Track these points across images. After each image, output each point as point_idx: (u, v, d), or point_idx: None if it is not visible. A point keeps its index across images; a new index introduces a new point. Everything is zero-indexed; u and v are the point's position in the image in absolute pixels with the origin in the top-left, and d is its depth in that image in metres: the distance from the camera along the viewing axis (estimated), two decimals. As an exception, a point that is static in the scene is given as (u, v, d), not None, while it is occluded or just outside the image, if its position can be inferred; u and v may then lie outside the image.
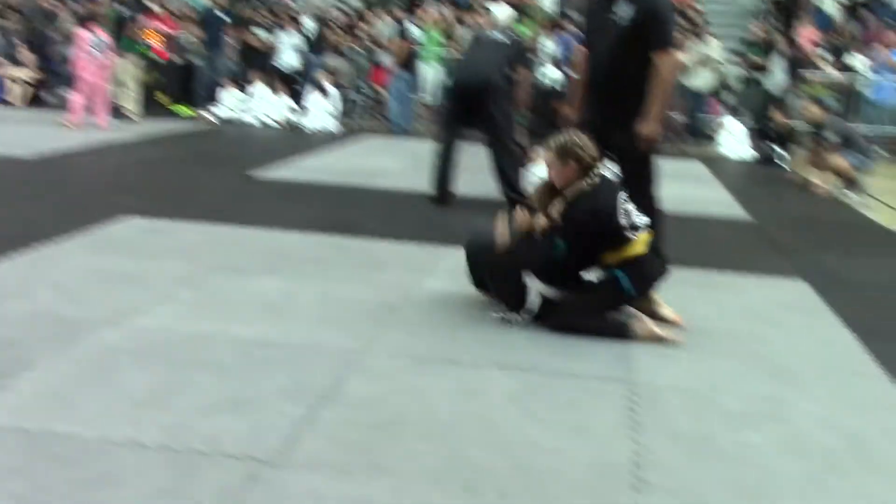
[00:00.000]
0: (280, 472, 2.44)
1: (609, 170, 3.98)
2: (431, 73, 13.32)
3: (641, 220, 3.82)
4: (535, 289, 3.83)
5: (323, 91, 11.61)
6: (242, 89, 12.26)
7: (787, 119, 10.93)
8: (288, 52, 12.85)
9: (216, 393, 2.94)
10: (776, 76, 12.32)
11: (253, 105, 11.99)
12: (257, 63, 12.76)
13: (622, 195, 3.81)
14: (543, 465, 2.56)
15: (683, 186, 8.33)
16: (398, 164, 8.83)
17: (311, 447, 2.59)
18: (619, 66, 4.20)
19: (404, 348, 3.48)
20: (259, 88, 12.01)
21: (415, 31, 13.10)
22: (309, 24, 13.49)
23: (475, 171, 7.17)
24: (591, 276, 3.85)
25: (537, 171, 5.63)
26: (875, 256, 5.79)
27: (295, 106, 12.07)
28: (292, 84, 12.65)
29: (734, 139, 11.42)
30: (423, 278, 4.50)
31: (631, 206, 3.81)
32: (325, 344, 3.47)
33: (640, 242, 3.78)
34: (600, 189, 3.76)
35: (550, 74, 12.59)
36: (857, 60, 12.74)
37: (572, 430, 2.82)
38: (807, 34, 13.31)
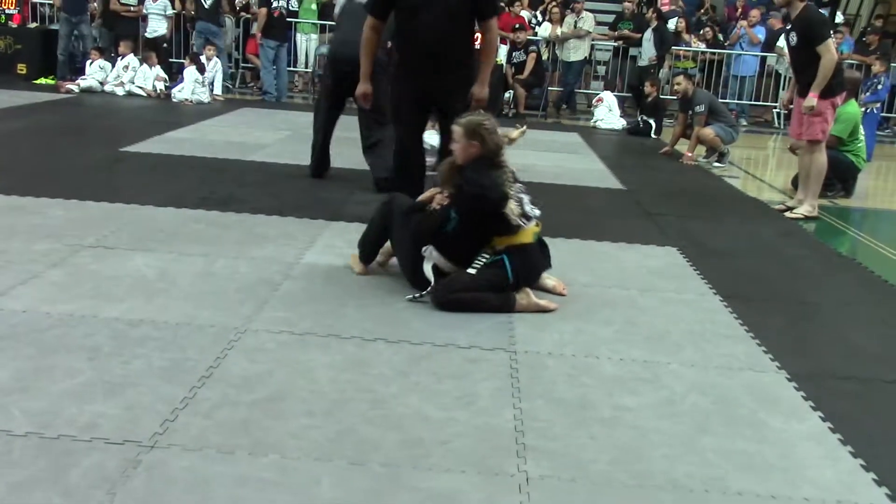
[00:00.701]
0: (160, 454, 2.38)
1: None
2: (306, 44, 13.11)
3: (535, 211, 3.90)
4: (430, 264, 3.84)
5: (197, 61, 11.23)
6: (108, 57, 11.73)
7: (657, 91, 11.29)
8: (156, 19, 12.36)
9: (89, 376, 2.83)
10: (647, 50, 12.70)
11: (120, 75, 11.49)
12: (123, 30, 12.23)
13: (519, 185, 3.89)
14: (430, 437, 2.59)
15: (560, 157, 8.52)
16: (274, 136, 8.66)
17: (192, 428, 2.54)
18: (453, 36, 4.61)
19: (286, 324, 3.44)
20: (127, 58, 11.51)
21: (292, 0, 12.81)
22: None
23: (353, 144, 7.11)
24: (483, 256, 3.87)
25: (429, 139, 5.73)
26: (738, 223, 6.08)
27: (165, 76, 11.65)
28: (162, 52, 12.21)
29: (608, 111, 11.74)
30: (304, 253, 4.46)
31: (526, 197, 3.88)
32: (203, 322, 3.39)
33: (528, 232, 3.85)
34: (497, 172, 3.81)
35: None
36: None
37: (457, 400, 2.86)
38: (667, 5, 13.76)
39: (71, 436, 2.44)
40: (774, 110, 13.36)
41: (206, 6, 11.90)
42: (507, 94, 12.15)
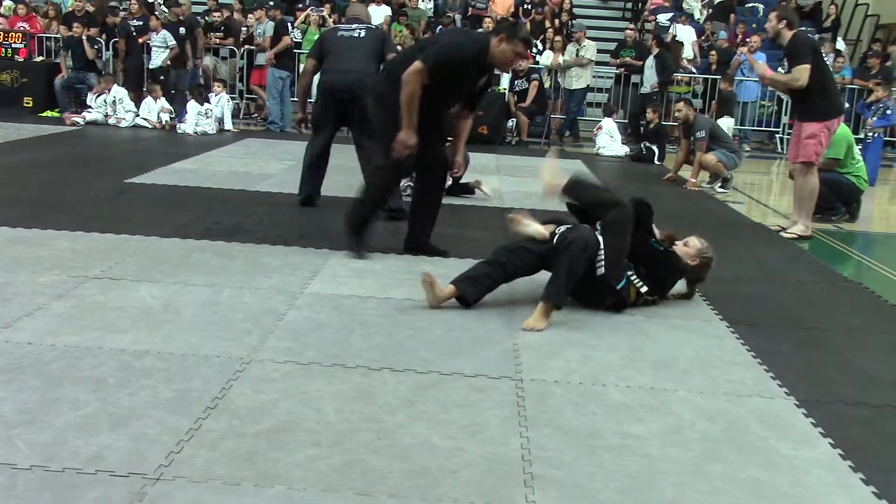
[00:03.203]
0: (166, 487, 2.36)
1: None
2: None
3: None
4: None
5: (201, 94, 11.31)
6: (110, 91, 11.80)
7: (659, 118, 11.33)
8: (157, 51, 12.45)
9: (94, 408, 2.82)
10: (649, 77, 12.76)
11: (125, 107, 11.56)
12: (131, 63, 12.35)
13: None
14: (437, 466, 2.58)
15: (563, 185, 8.51)
16: (278, 166, 8.70)
17: (197, 460, 2.53)
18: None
19: (291, 354, 3.43)
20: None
21: (297, 33, 12.92)
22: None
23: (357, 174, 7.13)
24: None
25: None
26: (743, 248, 6.07)
27: (170, 108, 11.71)
28: (166, 85, 12.29)
29: (610, 137, 11.77)
30: (308, 282, 4.46)
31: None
32: (208, 352, 3.39)
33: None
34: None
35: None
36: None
37: (464, 429, 2.85)
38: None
39: (76, 469, 2.43)
40: (777, 136, 13.41)
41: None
42: (509, 122, 12.21)
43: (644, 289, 4.30)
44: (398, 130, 4.77)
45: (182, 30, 12.11)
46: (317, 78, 6.66)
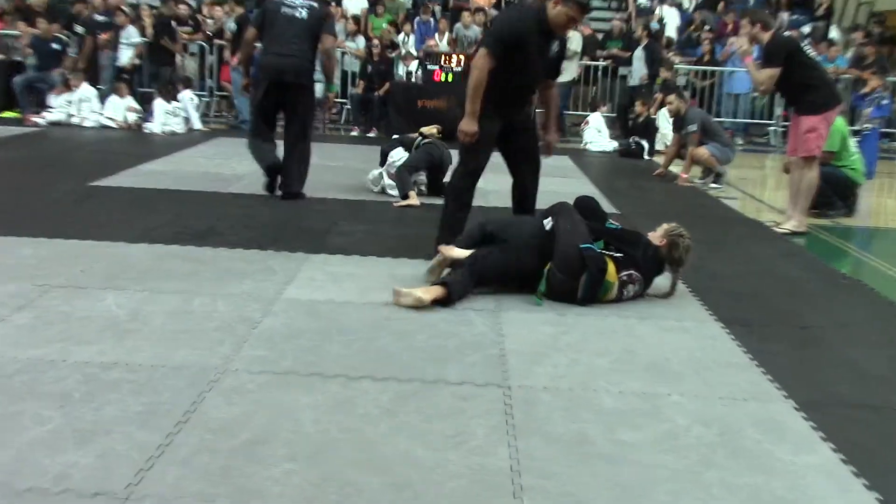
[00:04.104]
0: (135, 506, 2.34)
1: None
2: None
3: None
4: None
5: (169, 91, 11.24)
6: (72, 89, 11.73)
7: (648, 111, 11.37)
8: (122, 48, 12.38)
9: (59, 423, 2.79)
10: (637, 69, 12.80)
11: (91, 106, 11.49)
12: (100, 61, 12.28)
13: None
14: (420, 479, 2.56)
15: (550, 181, 8.49)
16: (250, 166, 8.61)
17: (168, 477, 2.50)
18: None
19: (266, 363, 3.41)
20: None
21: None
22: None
23: (332, 172, 7.14)
24: None
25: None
26: (737, 245, 6.10)
27: (138, 106, 11.64)
28: (132, 83, 12.24)
29: (597, 132, 11.80)
30: (284, 287, 4.44)
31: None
32: (178, 363, 3.36)
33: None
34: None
35: (412, 70, 12.67)
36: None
37: (449, 440, 2.83)
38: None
39: (41, 488, 2.40)
40: (770, 128, 13.48)
41: None
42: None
43: (618, 255, 4.39)
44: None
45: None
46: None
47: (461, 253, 4.45)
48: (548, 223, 4.44)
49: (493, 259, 4.39)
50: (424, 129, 7.61)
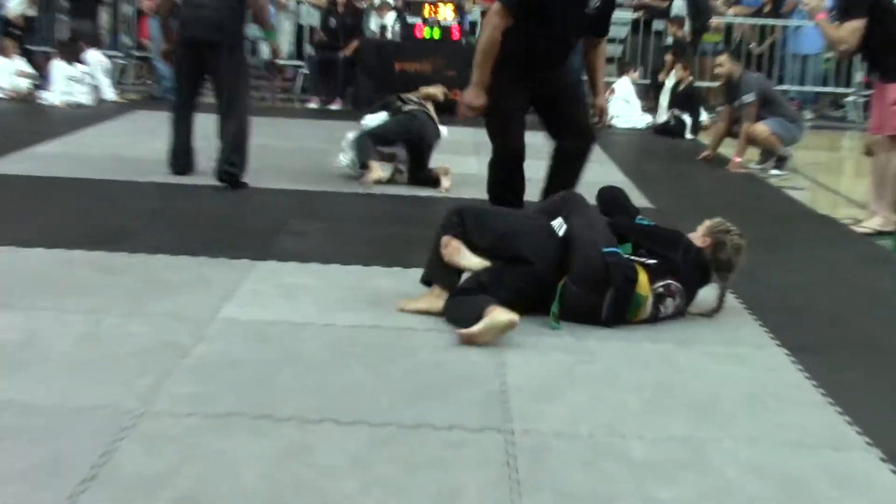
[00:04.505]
0: (29, 586, 2.35)
1: None
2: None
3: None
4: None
5: (71, 51, 11.24)
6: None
7: (692, 76, 11.41)
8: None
9: (-70, 481, 2.80)
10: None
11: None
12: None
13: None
14: (397, 550, 2.58)
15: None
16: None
17: (72, 548, 2.51)
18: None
19: (199, 402, 3.42)
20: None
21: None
22: None
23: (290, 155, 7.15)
24: None
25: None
26: (807, 250, 6.13)
27: (32, 70, 11.63)
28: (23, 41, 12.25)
29: (625, 103, 11.83)
30: (222, 304, 4.45)
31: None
32: (85, 403, 3.36)
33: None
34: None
35: (388, 24, 12.69)
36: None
37: (435, 498, 2.85)
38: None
39: None
40: (848, 99, 13.55)
41: None
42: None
43: (652, 261, 4.39)
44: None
45: None
46: None
47: (471, 263, 4.40)
48: (559, 227, 4.42)
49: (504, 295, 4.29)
50: (424, 90, 7.67)
